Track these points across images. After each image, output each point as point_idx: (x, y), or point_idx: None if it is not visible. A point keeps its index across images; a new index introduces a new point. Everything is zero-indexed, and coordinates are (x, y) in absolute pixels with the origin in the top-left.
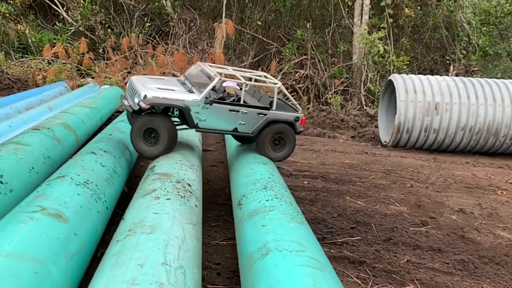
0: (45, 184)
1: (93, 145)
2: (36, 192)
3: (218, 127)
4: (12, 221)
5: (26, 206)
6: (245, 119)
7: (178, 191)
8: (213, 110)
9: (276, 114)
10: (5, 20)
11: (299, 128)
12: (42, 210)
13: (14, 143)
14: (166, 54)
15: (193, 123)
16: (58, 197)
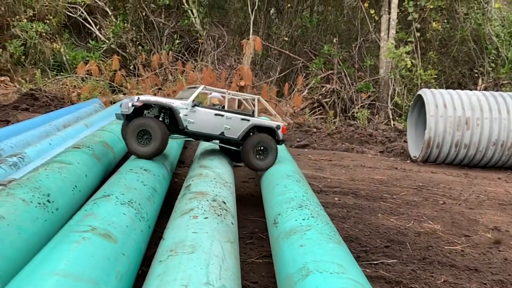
0: (92, 203)
1: (133, 163)
2: (84, 210)
3: (206, 131)
4: (65, 240)
5: (76, 225)
6: (230, 124)
7: (215, 210)
8: (200, 113)
9: (258, 120)
10: (42, 39)
11: (281, 136)
12: (92, 230)
13: (57, 161)
14: (195, 70)
15: (182, 125)
16: (105, 216)
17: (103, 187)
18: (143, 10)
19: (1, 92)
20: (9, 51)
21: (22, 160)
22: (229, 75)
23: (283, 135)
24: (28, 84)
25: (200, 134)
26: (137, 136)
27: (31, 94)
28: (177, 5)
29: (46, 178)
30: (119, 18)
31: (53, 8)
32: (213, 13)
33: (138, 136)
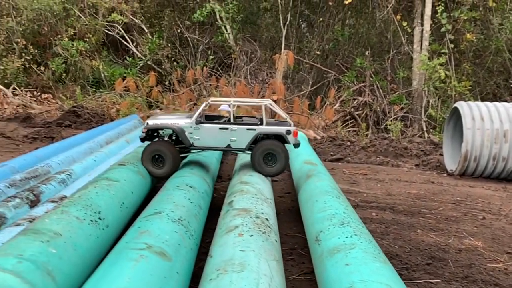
0: (144, 220)
1: (179, 179)
2: (137, 227)
3: (212, 145)
4: (124, 257)
5: (133, 242)
6: (236, 136)
7: (259, 227)
8: (204, 129)
9: (265, 128)
10: (82, 57)
11: (292, 140)
12: (148, 248)
13: (105, 179)
14: (228, 85)
15: (188, 143)
16: (159, 234)
17: (152, 203)
18: (178, 27)
19: (45, 109)
20: (51, 69)
21: (69, 177)
22: (261, 89)
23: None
24: (69, 101)
25: (206, 149)
26: (152, 160)
27: (74, 111)
28: (211, 22)
29: (96, 196)
30: (155, 35)
31: (93, 27)
32: (245, 29)
33: (153, 159)
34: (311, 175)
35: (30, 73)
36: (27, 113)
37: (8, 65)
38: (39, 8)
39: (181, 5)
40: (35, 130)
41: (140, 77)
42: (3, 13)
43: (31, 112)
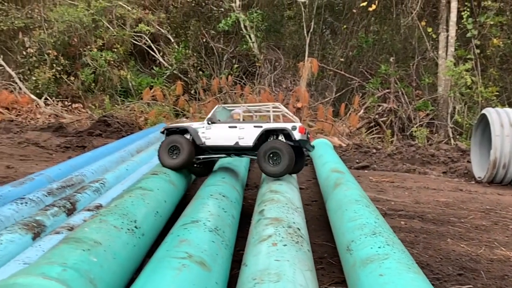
0: (182, 228)
1: (211, 188)
2: (177, 236)
3: (221, 143)
4: (166, 266)
5: (173, 250)
6: (244, 134)
7: (292, 237)
8: (215, 129)
9: (271, 124)
10: (110, 67)
11: (298, 136)
12: (189, 257)
13: (139, 188)
14: (253, 93)
15: (200, 141)
16: (198, 244)
17: (187, 211)
18: (203, 36)
19: (75, 118)
20: (80, 79)
21: (103, 186)
22: (285, 97)
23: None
24: (98, 110)
25: (216, 148)
26: (168, 151)
27: (104, 121)
28: (235, 31)
29: (132, 205)
30: (181, 45)
31: (121, 38)
32: (269, 37)
33: (169, 150)
34: (339, 184)
35: (61, 83)
36: (60, 122)
37: (40, 75)
38: (70, 20)
39: (207, 15)
40: (67, 140)
41: (166, 86)
42: (35, 25)
43: (63, 121)
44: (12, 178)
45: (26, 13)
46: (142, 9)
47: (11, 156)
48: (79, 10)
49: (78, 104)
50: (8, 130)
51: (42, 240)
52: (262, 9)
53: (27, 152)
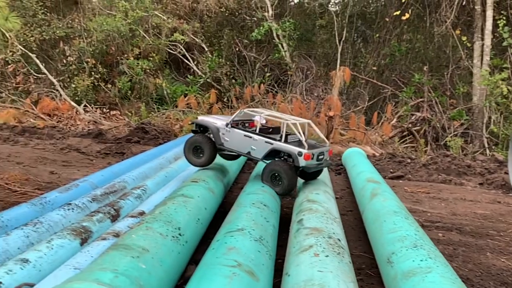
0: (228, 235)
1: (253, 197)
2: (224, 243)
3: (236, 149)
4: (217, 273)
5: (223, 258)
6: (256, 145)
7: (333, 247)
8: (233, 133)
9: (280, 145)
10: (146, 75)
11: (303, 163)
12: (239, 266)
13: (181, 195)
14: (284, 101)
15: (220, 141)
16: (246, 252)
17: (231, 219)
18: (236, 45)
19: (113, 125)
20: (117, 87)
21: (144, 192)
22: (317, 105)
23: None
24: (134, 117)
25: (232, 151)
26: (193, 150)
27: (142, 128)
28: (268, 40)
29: (175, 212)
30: (215, 53)
31: (156, 47)
32: (301, 46)
33: (193, 150)
34: (376, 194)
35: (98, 90)
36: (99, 129)
37: (79, 83)
38: (108, 29)
39: (240, 24)
40: (107, 146)
41: (200, 94)
42: (75, 35)
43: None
44: (56, 183)
45: (67, 23)
46: (177, 19)
47: (54, 162)
48: (117, 20)
49: (115, 111)
50: (51, 136)
51: (90, 245)
52: (294, 18)
53: (69, 158)
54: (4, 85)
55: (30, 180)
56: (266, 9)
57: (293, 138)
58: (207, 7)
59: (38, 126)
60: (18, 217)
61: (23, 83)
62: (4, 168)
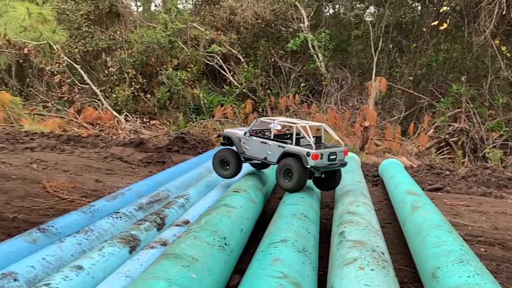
0: (272, 247)
1: (293, 207)
2: (269, 254)
3: (255, 155)
4: (264, 284)
5: (269, 269)
6: (271, 150)
7: (377, 261)
8: (252, 141)
9: (291, 147)
10: (184, 85)
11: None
12: (285, 277)
13: (225, 205)
14: (319, 111)
15: (241, 150)
16: (291, 264)
17: (273, 229)
18: (272, 56)
19: (153, 134)
20: (156, 97)
21: (187, 201)
22: (352, 115)
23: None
24: (172, 126)
25: (252, 158)
26: (220, 163)
27: (181, 137)
28: (303, 50)
29: (220, 222)
30: (251, 64)
31: (194, 58)
32: (336, 56)
33: (220, 163)
34: (417, 207)
35: (138, 100)
36: (140, 138)
37: (119, 93)
38: (148, 41)
39: (276, 35)
40: (148, 155)
41: (236, 104)
42: (117, 46)
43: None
44: (101, 191)
45: (109, 35)
46: (215, 31)
47: (99, 170)
48: (157, 32)
49: (155, 121)
50: (95, 145)
51: (139, 254)
52: (329, 28)
53: (112, 166)
54: (50, 95)
55: (77, 188)
56: (302, 20)
57: (305, 141)
58: (244, 18)
59: (82, 135)
60: (69, 225)
61: (68, 93)
62: (52, 176)
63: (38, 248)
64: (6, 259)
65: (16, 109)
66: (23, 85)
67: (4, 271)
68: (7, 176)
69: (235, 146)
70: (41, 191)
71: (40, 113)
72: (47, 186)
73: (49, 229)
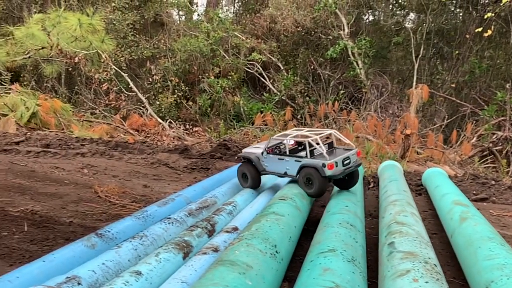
0: (321, 256)
1: (339, 216)
2: (318, 264)
3: (276, 171)
4: None
5: (321, 279)
6: (289, 165)
7: (431, 273)
8: (270, 158)
9: (307, 161)
10: (225, 93)
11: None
12: (336, 287)
13: (273, 213)
14: (359, 118)
15: (261, 167)
16: (341, 274)
17: (320, 239)
18: (311, 63)
19: (196, 141)
20: (198, 104)
21: (235, 208)
22: (392, 123)
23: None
24: (213, 133)
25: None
26: (242, 176)
27: (224, 144)
28: (343, 58)
29: (270, 229)
30: (290, 72)
31: (235, 66)
32: (375, 63)
33: (242, 176)
34: (466, 218)
35: (180, 107)
36: (185, 145)
37: (163, 100)
38: (191, 50)
39: (315, 43)
40: (193, 161)
41: (275, 111)
42: (161, 55)
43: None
44: (149, 196)
45: (154, 44)
46: (255, 39)
47: (146, 176)
48: (200, 40)
49: (198, 128)
50: (142, 151)
51: (192, 259)
52: (369, 35)
53: (158, 172)
54: (98, 102)
55: (127, 193)
56: (342, 28)
57: (318, 151)
58: (284, 27)
59: (128, 141)
60: (124, 230)
61: (115, 100)
62: (102, 181)
63: (97, 253)
64: (68, 263)
65: (66, 116)
66: (71, 93)
67: (68, 274)
68: (61, 181)
69: (255, 165)
70: (93, 196)
71: (88, 119)
72: (98, 191)
73: (106, 234)
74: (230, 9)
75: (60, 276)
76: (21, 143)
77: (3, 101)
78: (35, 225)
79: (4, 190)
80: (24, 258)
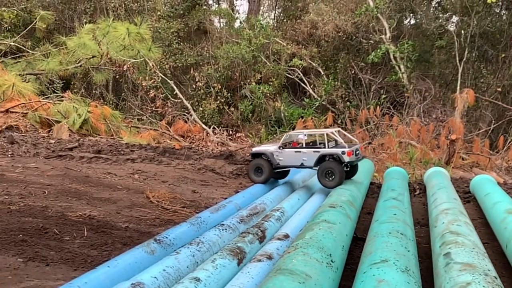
0: (374, 267)
1: (388, 225)
2: (372, 275)
3: (290, 164)
4: None
5: None
6: (306, 157)
7: (492, 286)
8: (285, 152)
9: (327, 150)
10: (266, 99)
11: (346, 158)
12: None
13: (325, 221)
14: (402, 123)
15: (275, 162)
16: (396, 285)
17: (371, 249)
18: (352, 68)
19: (239, 146)
20: (239, 110)
21: (283, 214)
22: (435, 128)
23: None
24: (254, 138)
25: (287, 167)
26: (255, 171)
27: None
28: (384, 62)
29: (323, 238)
30: (331, 77)
31: (276, 71)
32: (418, 67)
33: (255, 170)
34: None
35: (223, 113)
36: (230, 151)
37: (206, 106)
38: (233, 56)
39: (356, 47)
40: (238, 167)
41: (315, 117)
42: (204, 62)
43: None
44: (198, 202)
45: (197, 51)
46: (296, 45)
47: (194, 181)
48: (242, 47)
49: (240, 133)
50: (189, 157)
51: (248, 267)
52: (411, 39)
53: (205, 177)
54: (144, 108)
55: (177, 198)
56: (383, 32)
57: (331, 144)
58: (325, 32)
59: (175, 147)
60: (181, 236)
61: (161, 107)
62: (153, 186)
63: (156, 259)
64: (130, 268)
65: (115, 122)
66: (118, 99)
67: (132, 281)
68: (114, 186)
69: (270, 159)
70: (145, 201)
71: (135, 125)
72: (150, 196)
73: (164, 240)
74: (271, 16)
75: (125, 282)
76: (74, 149)
77: (56, 108)
78: (93, 229)
79: (62, 195)
80: (86, 262)
